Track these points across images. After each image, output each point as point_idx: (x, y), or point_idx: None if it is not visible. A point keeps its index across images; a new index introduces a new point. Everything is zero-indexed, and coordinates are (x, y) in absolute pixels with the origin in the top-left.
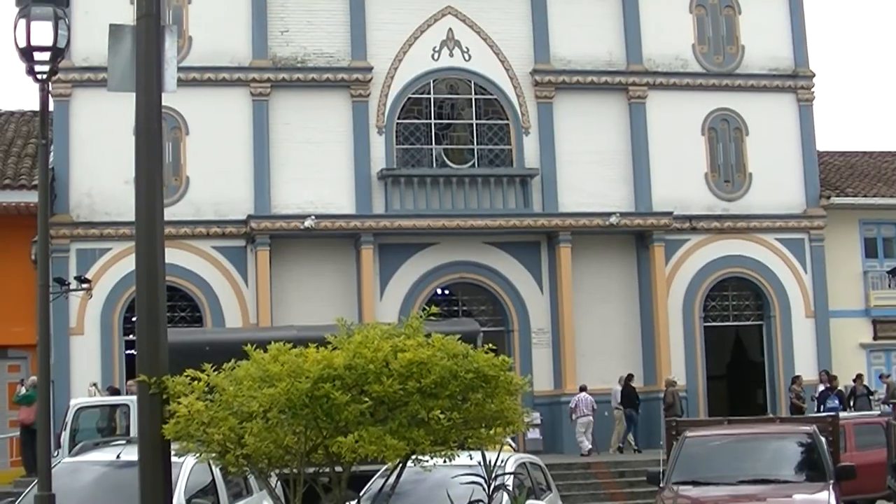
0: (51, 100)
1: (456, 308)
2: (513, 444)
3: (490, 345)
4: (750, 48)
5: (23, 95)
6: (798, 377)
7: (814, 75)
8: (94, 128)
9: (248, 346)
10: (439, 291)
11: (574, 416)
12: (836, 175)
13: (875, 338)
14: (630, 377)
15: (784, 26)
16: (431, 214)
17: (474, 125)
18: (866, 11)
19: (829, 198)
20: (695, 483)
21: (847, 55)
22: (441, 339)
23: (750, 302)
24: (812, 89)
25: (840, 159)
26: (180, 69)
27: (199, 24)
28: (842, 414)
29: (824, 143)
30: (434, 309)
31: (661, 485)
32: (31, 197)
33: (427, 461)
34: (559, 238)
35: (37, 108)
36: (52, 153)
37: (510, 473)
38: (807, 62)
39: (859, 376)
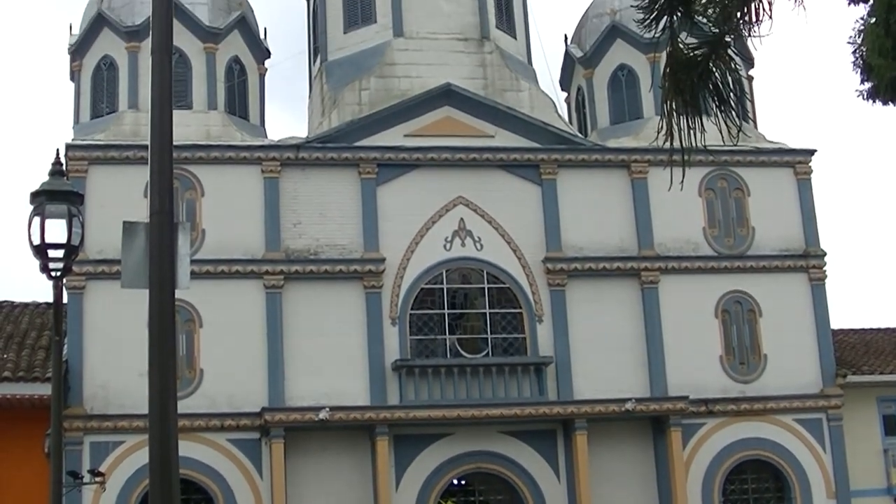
0: (64, 293)
1: (473, 498)
2: None
3: None
4: (760, 229)
5: (36, 286)
6: None
7: (825, 254)
8: (108, 320)
9: None
10: (455, 482)
11: None
12: (851, 353)
13: None
14: None
15: (793, 206)
16: (446, 405)
17: (487, 314)
18: (875, 187)
19: (845, 376)
20: None
21: (858, 231)
22: None
23: (770, 484)
24: (824, 268)
25: (855, 337)
26: (193, 262)
27: (212, 217)
28: None
29: (838, 320)
30: (451, 501)
31: None
32: (45, 389)
33: None
34: (575, 426)
35: (51, 299)
36: (65, 345)
37: None
38: (817, 241)
39: None
